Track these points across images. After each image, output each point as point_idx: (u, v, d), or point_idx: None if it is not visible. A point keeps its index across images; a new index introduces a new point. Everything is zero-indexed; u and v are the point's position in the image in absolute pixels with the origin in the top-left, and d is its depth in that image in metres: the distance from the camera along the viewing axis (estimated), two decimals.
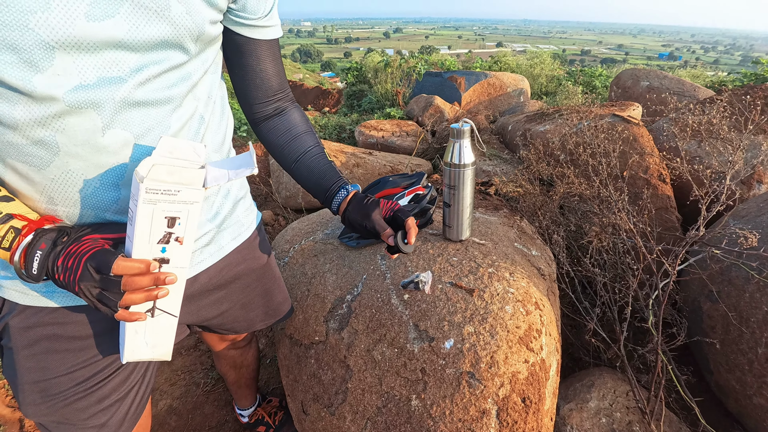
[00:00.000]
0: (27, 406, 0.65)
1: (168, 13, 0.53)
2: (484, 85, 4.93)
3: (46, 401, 0.64)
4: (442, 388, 0.81)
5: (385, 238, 0.76)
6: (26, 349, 0.62)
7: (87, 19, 0.46)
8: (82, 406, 0.66)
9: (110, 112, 0.51)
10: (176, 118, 0.59)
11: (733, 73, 5.98)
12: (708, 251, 1.17)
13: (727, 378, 1.17)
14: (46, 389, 0.64)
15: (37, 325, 0.61)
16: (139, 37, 0.51)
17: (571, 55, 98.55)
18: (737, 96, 1.82)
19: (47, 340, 0.62)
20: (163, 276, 0.54)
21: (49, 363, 0.63)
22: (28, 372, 0.62)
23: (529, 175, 1.65)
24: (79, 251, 0.51)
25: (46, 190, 0.53)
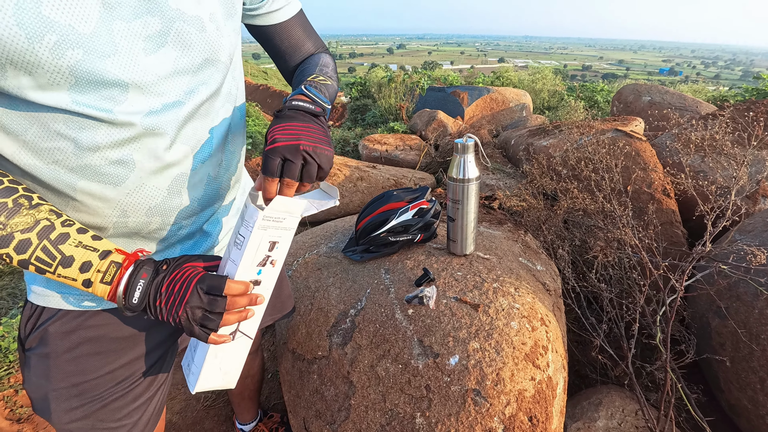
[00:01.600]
0: (60, 412, 0.66)
1: (204, 35, 0.58)
2: (487, 100, 4.98)
3: (83, 404, 0.66)
4: (447, 406, 0.80)
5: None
6: (67, 353, 0.64)
7: (145, 54, 0.53)
8: (118, 405, 0.69)
9: (174, 131, 0.58)
10: (218, 126, 0.66)
11: (735, 88, 6.02)
12: (715, 267, 1.16)
13: (738, 397, 1.15)
14: (85, 391, 0.66)
15: (80, 328, 0.64)
16: (186, 61, 0.57)
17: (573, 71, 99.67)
18: (739, 111, 1.83)
19: (89, 343, 0.65)
20: (255, 296, 0.59)
21: (90, 365, 0.65)
22: (67, 376, 0.64)
23: (532, 189, 1.65)
24: (187, 276, 0.55)
25: (120, 204, 0.58)
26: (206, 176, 0.66)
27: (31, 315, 0.64)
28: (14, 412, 1.50)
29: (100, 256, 0.53)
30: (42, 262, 0.50)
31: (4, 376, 1.61)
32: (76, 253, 0.51)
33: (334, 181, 2.43)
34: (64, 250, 0.51)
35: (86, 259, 0.52)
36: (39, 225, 0.50)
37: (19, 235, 0.49)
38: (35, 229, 0.49)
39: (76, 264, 0.51)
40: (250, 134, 4.36)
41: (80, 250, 0.52)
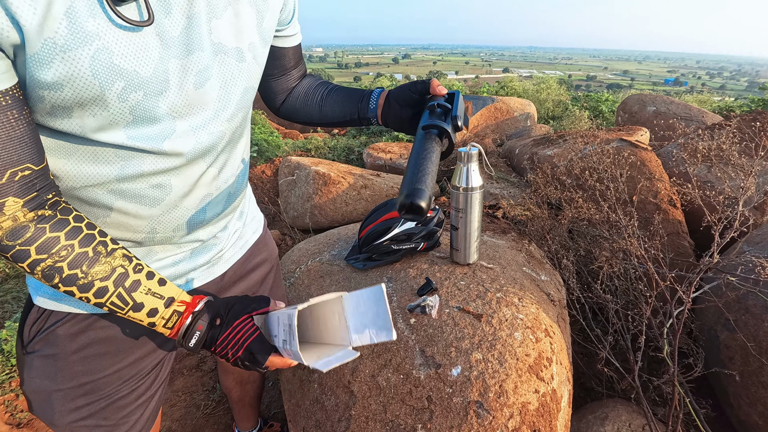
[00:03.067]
0: (64, 413, 0.67)
1: (243, 65, 0.62)
2: (491, 110, 4.99)
3: (89, 402, 0.68)
4: (449, 418, 0.78)
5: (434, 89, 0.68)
6: (76, 353, 0.65)
7: (194, 89, 0.56)
8: (122, 403, 0.71)
9: (213, 157, 0.64)
10: (240, 144, 0.71)
11: (740, 98, 6.00)
12: (723, 278, 1.14)
13: (748, 413, 1.12)
14: (92, 390, 0.68)
15: (89, 329, 0.65)
16: (228, 93, 0.61)
17: (577, 81, 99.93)
18: (746, 121, 1.82)
19: (98, 344, 0.66)
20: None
21: (98, 364, 0.67)
22: (75, 376, 0.66)
23: (537, 198, 1.64)
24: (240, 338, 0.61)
25: (152, 222, 0.63)
26: (227, 193, 0.71)
27: (37, 318, 0.65)
28: (14, 416, 1.50)
29: (165, 304, 0.58)
30: (116, 306, 0.55)
31: (6, 380, 1.61)
32: (145, 300, 0.56)
33: (338, 189, 2.43)
34: (135, 298, 0.56)
35: (153, 306, 0.57)
36: (115, 273, 0.54)
37: (99, 283, 0.53)
38: (112, 278, 0.54)
39: (144, 310, 0.57)
40: (256, 141, 4.39)
41: (149, 298, 0.57)
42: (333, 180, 2.44)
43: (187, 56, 0.54)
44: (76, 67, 0.45)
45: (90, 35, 0.45)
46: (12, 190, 0.47)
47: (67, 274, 0.51)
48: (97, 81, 0.47)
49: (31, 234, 0.49)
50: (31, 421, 1.49)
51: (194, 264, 0.73)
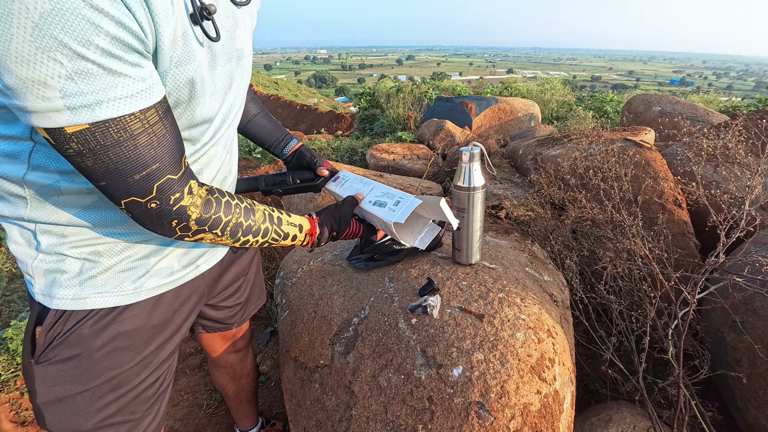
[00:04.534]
0: (91, 414, 0.67)
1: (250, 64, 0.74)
2: (495, 110, 4.98)
3: (118, 397, 0.70)
4: (450, 419, 0.78)
5: (321, 172, 1.03)
6: (101, 349, 0.66)
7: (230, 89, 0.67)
8: (148, 394, 0.74)
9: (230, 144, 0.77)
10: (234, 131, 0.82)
11: (747, 98, 5.94)
12: (729, 279, 1.13)
13: (756, 416, 1.10)
14: (121, 383, 0.70)
15: (113, 323, 0.67)
16: (243, 90, 0.73)
17: (582, 81, 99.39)
18: (753, 121, 1.80)
19: (123, 336, 0.68)
20: None
21: (124, 357, 0.69)
22: (104, 371, 0.67)
23: (540, 198, 1.63)
24: (355, 232, 0.92)
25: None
26: (233, 175, 0.83)
27: (54, 323, 0.64)
28: (19, 414, 1.51)
29: (299, 229, 0.79)
30: (274, 239, 0.74)
31: (11, 379, 1.62)
32: (289, 230, 0.77)
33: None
34: (284, 229, 0.75)
35: (293, 233, 0.78)
36: (266, 215, 0.72)
37: (262, 225, 0.71)
38: (267, 220, 0.72)
39: (289, 238, 0.77)
40: None
41: (290, 227, 0.77)
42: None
43: (226, 64, 0.64)
44: (180, 78, 0.54)
45: (193, 53, 0.55)
46: (190, 174, 0.58)
47: (246, 225, 0.67)
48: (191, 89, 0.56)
49: (216, 204, 0.62)
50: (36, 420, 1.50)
51: (198, 252, 0.78)
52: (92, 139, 0.45)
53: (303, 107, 15.51)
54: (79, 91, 0.42)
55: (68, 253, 0.62)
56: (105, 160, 0.47)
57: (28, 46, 0.38)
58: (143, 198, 0.52)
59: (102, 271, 0.64)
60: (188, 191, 0.57)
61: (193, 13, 0.52)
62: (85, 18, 0.39)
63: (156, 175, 0.51)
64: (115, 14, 0.41)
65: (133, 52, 0.45)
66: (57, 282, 0.63)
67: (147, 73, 0.47)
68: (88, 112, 0.43)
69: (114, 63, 0.43)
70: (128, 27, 0.43)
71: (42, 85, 0.40)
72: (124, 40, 0.43)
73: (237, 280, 0.98)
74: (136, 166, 0.49)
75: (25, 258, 0.62)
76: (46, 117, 0.42)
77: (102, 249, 0.63)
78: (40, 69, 0.39)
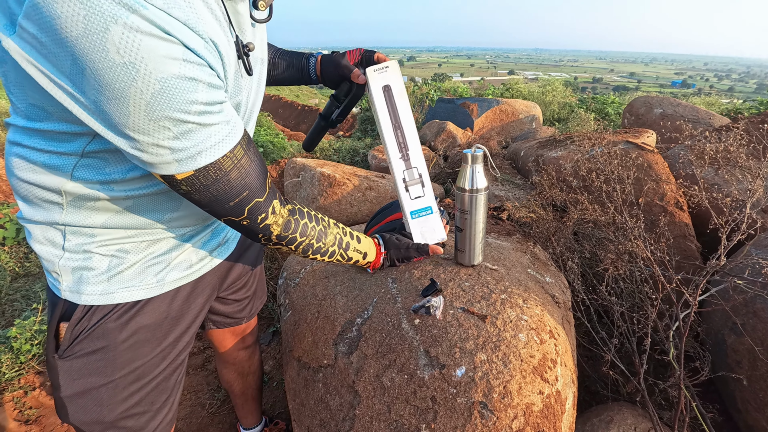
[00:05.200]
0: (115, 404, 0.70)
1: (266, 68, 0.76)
2: (497, 112, 4.99)
3: (140, 387, 0.74)
4: (453, 418, 0.79)
5: (355, 77, 0.91)
6: (125, 342, 0.70)
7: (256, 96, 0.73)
8: (166, 385, 0.78)
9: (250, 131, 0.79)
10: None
11: (749, 100, 5.94)
12: (730, 281, 1.13)
13: (756, 418, 1.11)
14: (143, 374, 0.73)
15: (136, 316, 0.70)
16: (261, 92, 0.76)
17: (583, 83, 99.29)
18: (754, 124, 1.81)
19: (145, 329, 0.72)
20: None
21: (146, 348, 0.73)
22: (128, 362, 0.71)
23: (542, 200, 1.64)
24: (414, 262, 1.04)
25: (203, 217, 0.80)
26: None
27: (81, 318, 0.66)
28: (23, 413, 1.52)
29: (363, 257, 0.91)
30: (338, 261, 0.85)
31: (15, 377, 1.63)
32: (353, 255, 0.87)
33: (343, 191, 2.44)
34: (349, 254, 0.85)
35: (357, 258, 0.89)
36: (336, 239, 0.80)
37: (330, 248, 0.80)
38: (336, 243, 0.81)
39: (352, 261, 0.89)
40: (262, 143, 4.42)
41: (355, 254, 0.87)
42: (338, 181, 2.45)
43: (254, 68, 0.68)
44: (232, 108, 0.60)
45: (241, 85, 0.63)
46: (273, 195, 0.66)
47: (316, 246, 0.76)
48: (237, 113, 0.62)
49: (294, 225, 0.71)
50: (40, 418, 1.51)
51: (212, 245, 0.82)
52: (197, 181, 0.56)
53: (304, 108, 15.54)
54: (184, 147, 0.52)
55: (96, 251, 0.65)
56: (207, 194, 0.58)
57: (143, 118, 0.48)
58: (237, 218, 0.63)
59: (128, 266, 0.68)
60: (272, 211, 0.66)
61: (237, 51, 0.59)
62: (186, 90, 0.48)
63: (246, 199, 0.61)
64: (206, 79, 0.51)
65: (219, 103, 0.54)
66: (85, 279, 0.65)
67: (230, 115, 0.56)
68: (191, 161, 0.53)
69: (207, 118, 0.52)
70: (215, 85, 0.52)
71: (155, 146, 0.50)
72: (213, 98, 0.52)
73: (245, 274, 1.01)
74: (231, 195, 0.59)
75: (50, 257, 0.64)
76: (161, 168, 0.53)
77: (129, 246, 0.67)
78: (153, 135, 0.49)
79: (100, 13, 0.41)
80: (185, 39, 0.47)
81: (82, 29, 0.41)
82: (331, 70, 0.94)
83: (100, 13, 0.41)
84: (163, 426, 0.80)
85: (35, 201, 0.62)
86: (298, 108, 15.89)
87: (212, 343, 1.11)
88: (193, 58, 0.48)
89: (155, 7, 0.44)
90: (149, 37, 0.44)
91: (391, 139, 0.89)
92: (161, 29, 0.44)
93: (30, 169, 0.59)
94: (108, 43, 0.42)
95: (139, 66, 0.44)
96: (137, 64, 0.44)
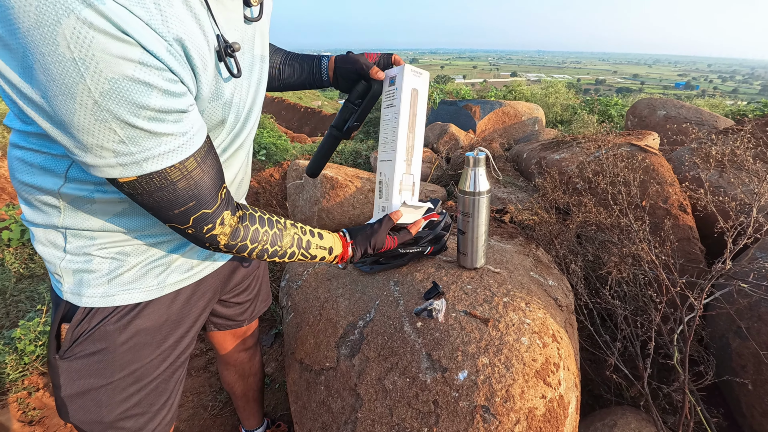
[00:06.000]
0: (113, 406, 0.71)
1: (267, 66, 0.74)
2: (499, 114, 4.98)
3: (139, 389, 0.74)
4: (455, 422, 0.78)
5: (374, 73, 0.88)
6: (125, 344, 0.70)
7: (255, 95, 0.70)
8: (164, 387, 0.78)
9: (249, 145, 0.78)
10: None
11: (753, 102, 5.90)
12: (735, 285, 1.12)
13: (761, 422, 1.09)
14: (142, 376, 0.73)
15: (136, 319, 0.70)
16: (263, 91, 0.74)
17: (586, 85, 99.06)
18: (760, 126, 1.79)
19: (144, 332, 0.72)
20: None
21: (145, 350, 0.73)
22: (126, 365, 0.71)
23: (544, 203, 1.63)
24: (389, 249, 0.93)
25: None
26: (249, 174, 0.85)
27: (81, 320, 0.67)
28: (26, 414, 1.52)
29: (328, 252, 0.83)
30: (300, 260, 0.80)
31: (19, 378, 1.64)
32: (317, 252, 0.81)
33: (345, 193, 2.45)
34: (311, 252, 0.80)
35: (322, 255, 0.82)
36: (294, 239, 0.76)
37: (289, 250, 0.75)
38: (294, 244, 0.76)
39: (317, 259, 0.82)
40: (265, 145, 4.43)
41: (318, 251, 0.81)
42: (341, 184, 2.45)
43: (250, 76, 0.67)
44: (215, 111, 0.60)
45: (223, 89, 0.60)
46: (224, 206, 0.63)
47: (271, 251, 0.72)
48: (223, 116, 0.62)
49: (243, 232, 0.67)
50: (43, 419, 1.52)
51: None
52: (139, 187, 0.53)
53: (307, 110, 15.58)
54: (129, 152, 0.49)
55: (96, 253, 0.65)
56: (150, 200, 0.55)
57: (89, 118, 0.45)
58: (182, 226, 0.60)
59: (128, 269, 0.68)
60: (220, 222, 0.63)
61: (219, 51, 0.56)
62: (137, 93, 0.46)
63: (192, 209, 0.58)
64: (163, 85, 0.48)
65: (176, 112, 0.50)
66: (85, 281, 0.66)
67: (188, 126, 0.53)
68: (136, 167, 0.51)
69: (159, 126, 0.49)
70: (174, 92, 0.49)
71: (99, 147, 0.48)
72: (169, 106, 0.49)
73: (248, 277, 1.01)
74: (176, 204, 0.57)
75: (53, 259, 0.65)
76: (103, 170, 0.50)
77: (129, 249, 0.67)
78: (98, 136, 0.47)
79: (53, 4, 0.39)
80: (144, 40, 0.44)
81: (33, 20, 0.39)
82: (348, 68, 0.90)
83: (52, 4, 0.39)
84: (162, 427, 0.80)
85: (36, 204, 0.62)
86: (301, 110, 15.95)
87: (213, 344, 1.11)
88: (150, 62, 0.45)
89: (115, 3, 0.41)
90: (102, 35, 0.41)
91: (403, 140, 0.87)
92: (117, 27, 0.42)
93: (28, 171, 0.59)
94: (58, 36, 0.40)
95: (89, 63, 0.42)
96: (87, 61, 0.42)
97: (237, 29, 0.61)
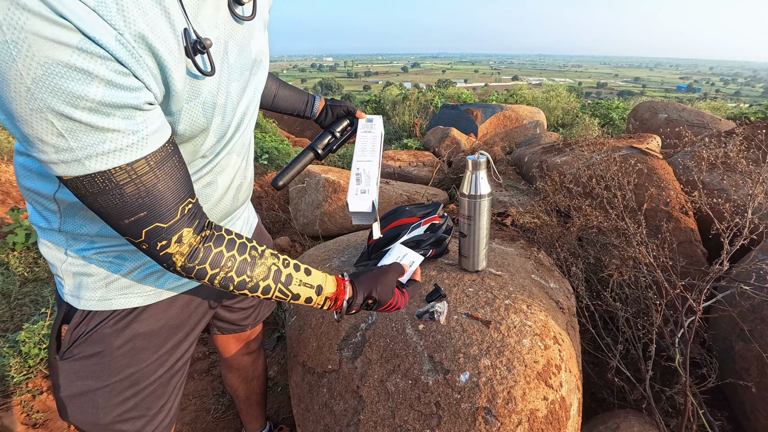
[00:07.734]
0: (109, 408, 0.71)
1: (263, 71, 0.73)
2: (500, 117, 5.00)
3: (135, 393, 0.73)
4: (457, 424, 0.79)
5: (358, 114, 1.01)
6: (121, 347, 0.70)
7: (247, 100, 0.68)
8: (162, 392, 0.77)
9: (246, 151, 0.76)
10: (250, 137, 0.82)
11: (755, 104, 5.90)
12: (737, 287, 1.13)
13: (766, 425, 1.09)
14: (139, 380, 0.73)
15: (133, 323, 0.71)
16: (258, 96, 0.73)
17: (587, 88, 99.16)
18: (754, 129, 1.80)
19: (142, 337, 0.72)
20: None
21: (142, 355, 0.73)
22: (123, 368, 0.71)
23: (546, 206, 1.64)
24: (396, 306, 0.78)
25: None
26: (249, 180, 0.83)
27: (80, 322, 0.68)
28: (30, 416, 1.53)
29: (316, 292, 0.70)
30: (280, 298, 0.67)
31: (23, 381, 1.65)
32: (300, 291, 0.68)
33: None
34: (292, 290, 0.67)
35: (308, 295, 0.69)
36: (271, 272, 0.65)
37: (262, 282, 0.64)
38: (270, 276, 0.64)
39: (302, 299, 0.69)
40: (267, 149, 4.46)
41: (302, 288, 0.68)
42: (342, 188, 2.46)
43: (240, 78, 0.65)
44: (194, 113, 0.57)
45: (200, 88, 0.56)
46: (185, 222, 0.56)
47: (237, 281, 0.62)
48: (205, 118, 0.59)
49: (203, 254, 0.59)
50: (47, 422, 1.53)
51: None
52: (82, 187, 0.49)
53: None
54: (69, 147, 0.45)
55: (94, 257, 0.66)
56: (96, 204, 0.51)
57: (24, 107, 0.42)
58: (135, 239, 0.55)
59: (126, 273, 0.68)
60: (177, 240, 0.56)
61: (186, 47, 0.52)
62: (74, 81, 0.42)
63: (143, 221, 0.53)
64: (106, 75, 0.44)
65: (125, 107, 0.46)
66: (84, 284, 0.67)
67: (141, 125, 0.49)
68: (78, 165, 0.47)
69: (102, 120, 0.45)
70: (120, 84, 0.45)
71: (39, 141, 0.45)
72: (115, 99, 0.45)
73: None
74: (124, 212, 0.52)
75: (55, 261, 0.67)
76: (47, 166, 0.47)
77: (126, 254, 0.68)
78: (35, 127, 0.44)
79: None
80: (85, 26, 0.41)
81: None
82: (340, 106, 1.04)
83: None
84: (160, 430, 0.80)
85: (38, 208, 0.64)
86: None
87: (216, 347, 1.12)
88: (91, 49, 0.42)
89: None
90: (35, 17, 0.39)
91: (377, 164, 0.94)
92: (53, 10, 0.40)
93: (28, 176, 0.60)
94: None
95: (21, 46, 0.40)
96: (19, 44, 0.40)
97: (218, 26, 0.58)
